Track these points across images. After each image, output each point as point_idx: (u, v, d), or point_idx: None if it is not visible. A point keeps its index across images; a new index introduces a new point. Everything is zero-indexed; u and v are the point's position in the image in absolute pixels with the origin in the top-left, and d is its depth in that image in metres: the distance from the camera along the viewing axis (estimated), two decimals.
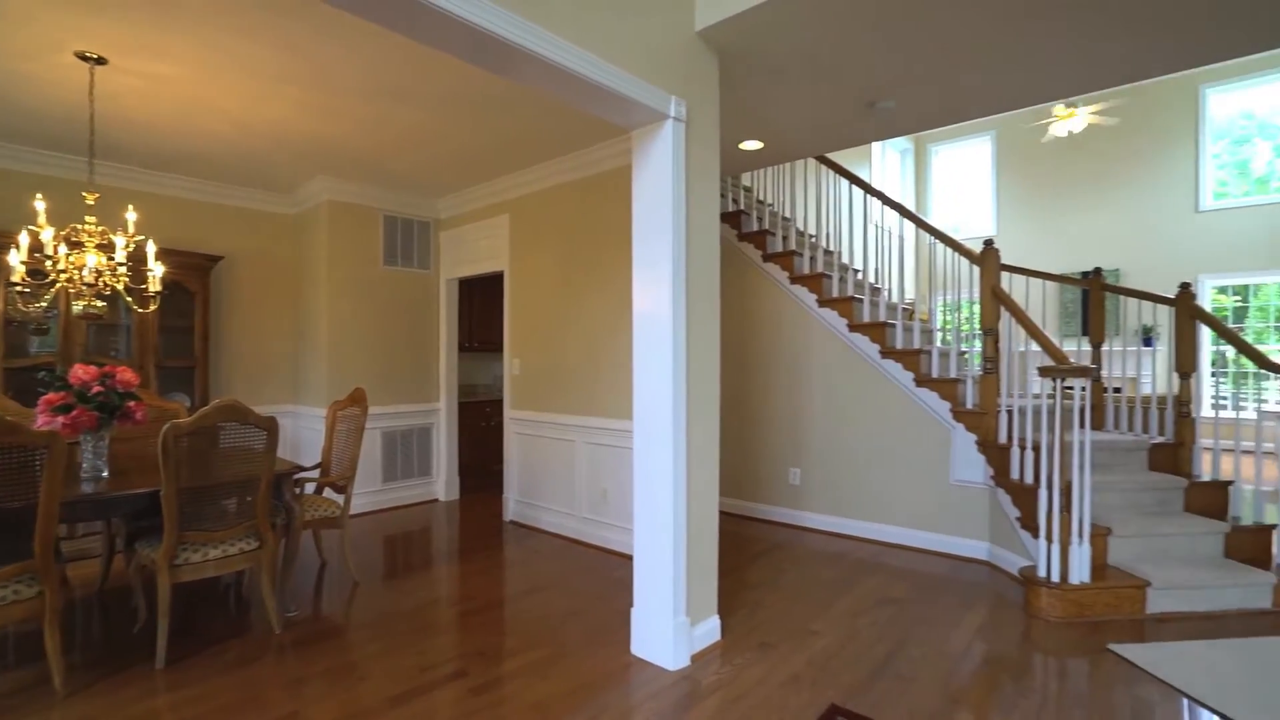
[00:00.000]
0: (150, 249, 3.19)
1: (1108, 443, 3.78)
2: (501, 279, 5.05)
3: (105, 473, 2.71)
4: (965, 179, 10.36)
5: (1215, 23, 2.59)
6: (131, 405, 2.70)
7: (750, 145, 4.06)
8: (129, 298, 3.22)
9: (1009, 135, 9.69)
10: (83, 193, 3.01)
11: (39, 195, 2.98)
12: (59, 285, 2.91)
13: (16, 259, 2.81)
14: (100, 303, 3.01)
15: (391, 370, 5.21)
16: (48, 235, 2.83)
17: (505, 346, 4.90)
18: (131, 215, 3.09)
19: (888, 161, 9.61)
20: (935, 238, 4.22)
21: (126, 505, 2.54)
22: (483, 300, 6.16)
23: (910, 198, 10.53)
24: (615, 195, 4.02)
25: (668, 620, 2.51)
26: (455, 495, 5.54)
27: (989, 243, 3.84)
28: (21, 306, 3.07)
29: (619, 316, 4.01)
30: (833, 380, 4.47)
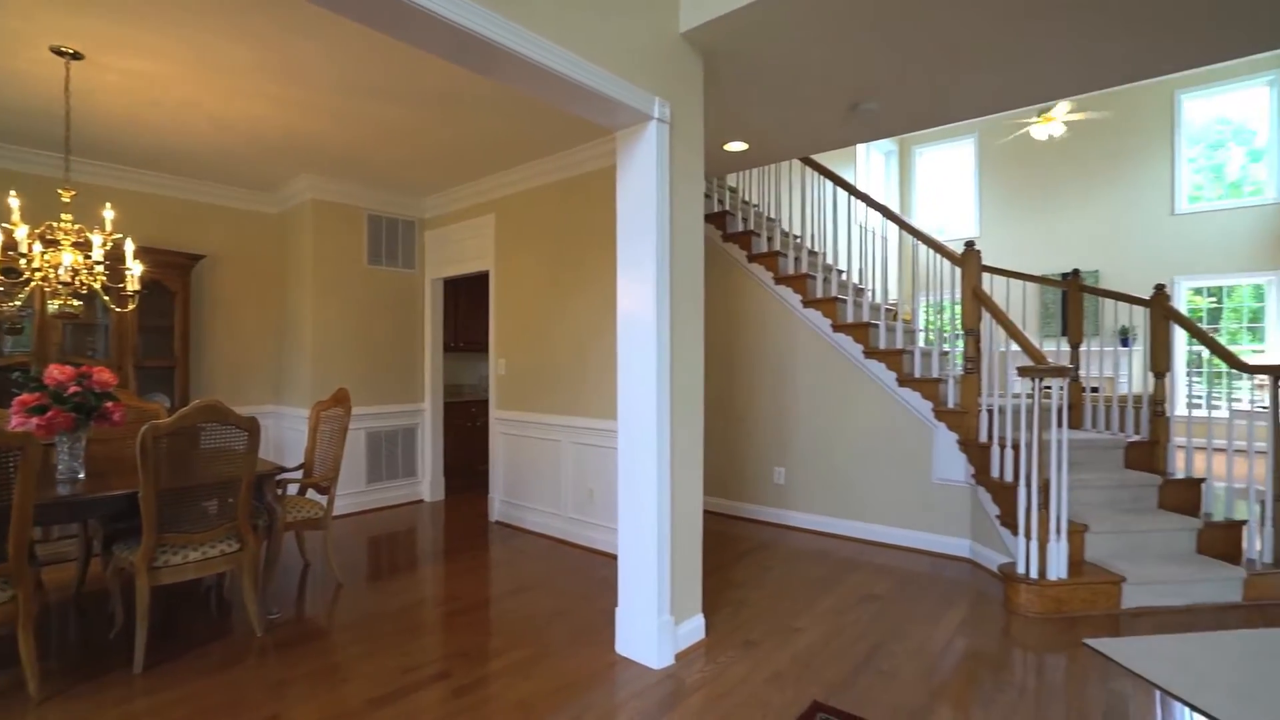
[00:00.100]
0: (129, 247, 3.14)
1: (1085, 441, 3.84)
2: (487, 279, 5.03)
3: (82, 474, 2.67)
4: (949, 181, 10.48)
5: (1215, 23, 2.57)
6: (109, 406, 2.66)
7: (735, 146, 4.08)
8: (106, 297, 3.17)
9: (991, 138, 9.82)
10: (58, 190, 2.96)
11: (13, 192, 2.93)
12: (34, 284, 2.86)
13: None
14: (77, 302, 2.96)
15: (376, 370, 5.17)
16: (22, 233, 2.78)
17: (491, 346, 4.88)
18: (109, 213, 3.04)
19: (872, 163, 9.69)
20: (917, 239, 4.27)
21: (103, 507, 2.51)
22: (468, 300, 6.14)
23: (895, 199, 10.63)
24: (601, 195, 4.03)
25: (652, 619, 2.52)
26: (440, 496, 5.52)
27: (970, 244, 3.90)
28: None
29: (604, 316, 4.01)
30: (817, 380, 4.51)
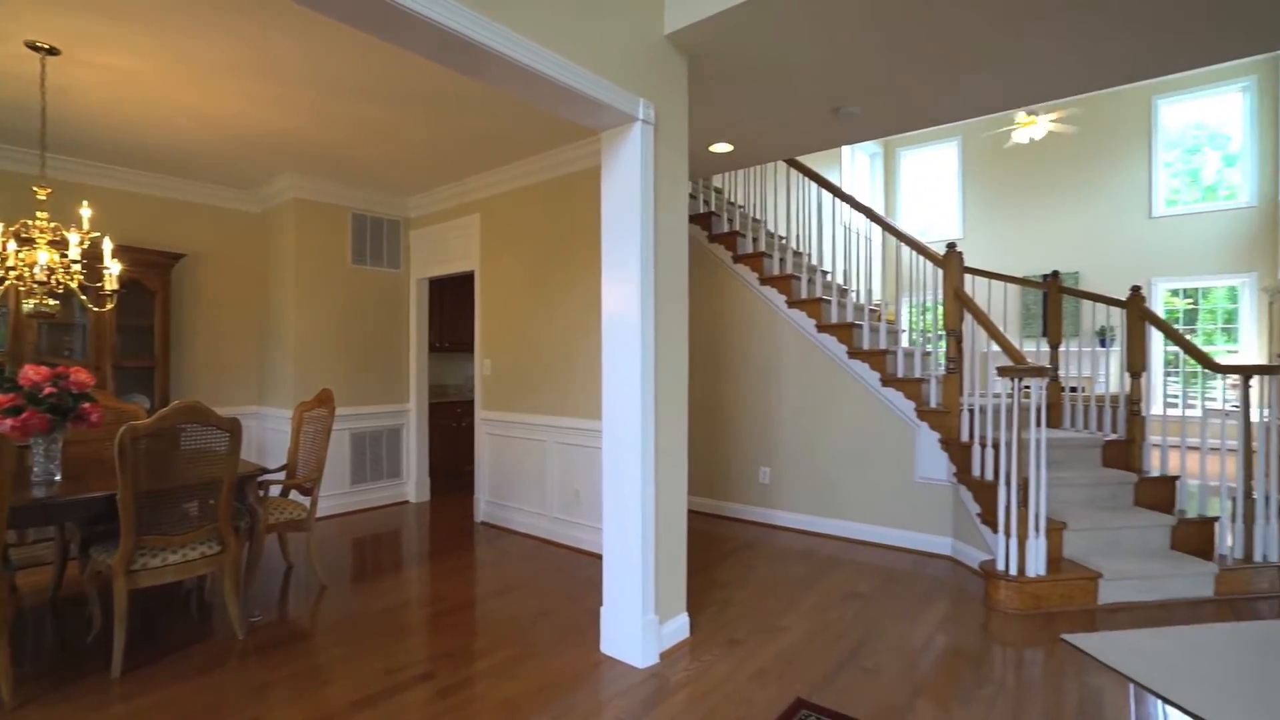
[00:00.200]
0: (106, 246, 3.10)
1: (1064, 440, 3.91)
2: (472, 279, 5.02)
3: (58, 476, 2.63)
4: (932, 182, 10.59)
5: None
6: (86, 407, 2.62)
7: (720, 148, 4.10)
8: (84, 296, 3.12)
9: (974, 141, 9.93)
10: (34, 187, 2.91)
11: None
12: (8, 283, 2.82)
13: None
14: (53, 301, 2.92)
15: (361, 371, 5.14)
16: None
17: (476, 347, 4.87)
18: (86, 211, 3.00)
19: (857, 164, 9.78)
20: (900, 240, 4.31)
21: (80, 510, 2.47)
22: (454, 300, 6.11)
23: (879, 200, 10.72)
24: (586, 196, 4.03)
25: (637, 619, 2.53)
26: (426, 497, 5.49)
27: (951, 246, 3.94)
28: None
29: (590, 316, 4.02)
30: (802, 380, 4.54)
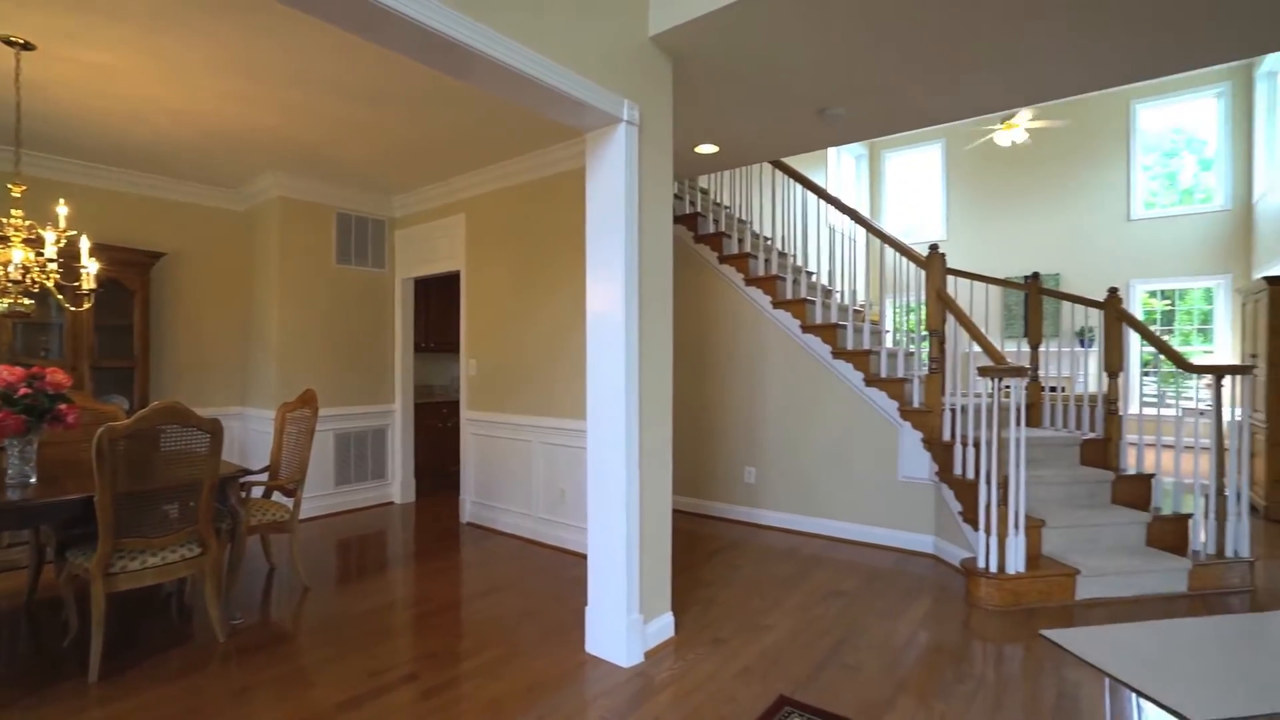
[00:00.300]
0: (84, 244, 3.06)
1: (1043, 439, 3.97)
2: (458, 279, 5.00)
3: (33, 479, 2.58)
4: (917, 184, 10.70)
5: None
6: (63, 408, 2.59)
7: (706, 149, 4.12)
8: (60, 296, 3.08)
9: (957, 143, 10.05)
10: (9, 184, 2.87)
11: None
12: None
13: None
14: (28, 301, 2.87)
15: (345, 371, 5.10)
16: None
17: (462, 347, 4.85)
18: (63, 209, 2.96)
19: (843, 165, 9.85)
20: (884, 241, 4.35)
21: (56, 513, 2.43)
22: (439, 300, 6.08)
23: (865, 202, 10.81)
24: (572, 196, 4.03)
25: (621, 618, 2.54)
26: (411, 498, 5.46)
27: (934, 247, 3.99)
28: None
29: (576, 317, 4.02)
30: (787, 380, 4.57)
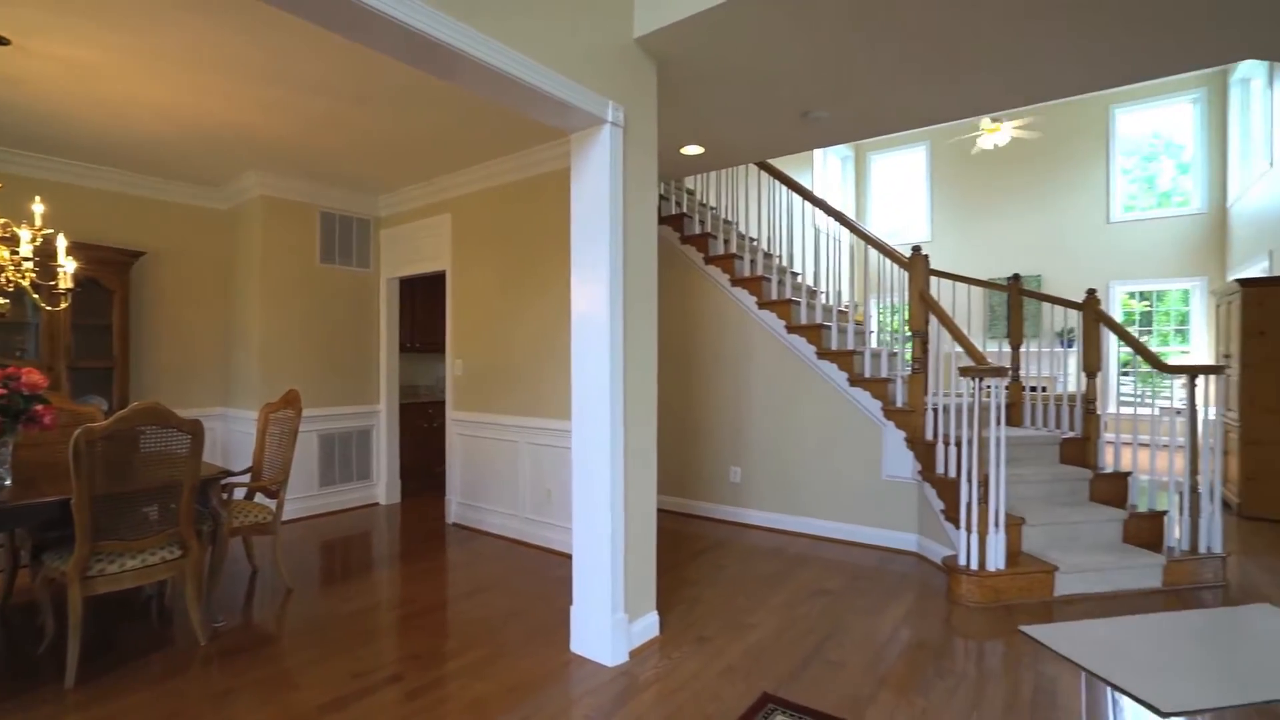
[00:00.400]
0: (61, 243, 3.01)
1: (1024, 438, 4.03)
2: (444, 278, 4.97)
3: (8, 481, 2.54)
4: (902, 186, 10.81)
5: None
6: (39, 409, 2.55)
7: (691, 150, 4.14)
8: (36, 295, 3.03)
9: (941, 146, 10.16)
10: None
11: None
12: None
13: None
14: (2, 300, 2.83)
15: (329, 371, 5.06)
16: None
17: (448, 347, 4.83)
18: (39, 207, 2.91)
19: (829, 167, 9.93)
20: (868, 243, 4.40)
21: (32, 515, 2.40)
22: (425, 300, 6.05)
23: (850, 203, 10.90)
24: (557, 196, 4.03)
25: (606, 617, 2.55)
26: (396, 499, 5.43)
27: (917, 249, 4.04)
28: None
29: (562, 317, 4.02)
30: (772, 380, 4.60)
